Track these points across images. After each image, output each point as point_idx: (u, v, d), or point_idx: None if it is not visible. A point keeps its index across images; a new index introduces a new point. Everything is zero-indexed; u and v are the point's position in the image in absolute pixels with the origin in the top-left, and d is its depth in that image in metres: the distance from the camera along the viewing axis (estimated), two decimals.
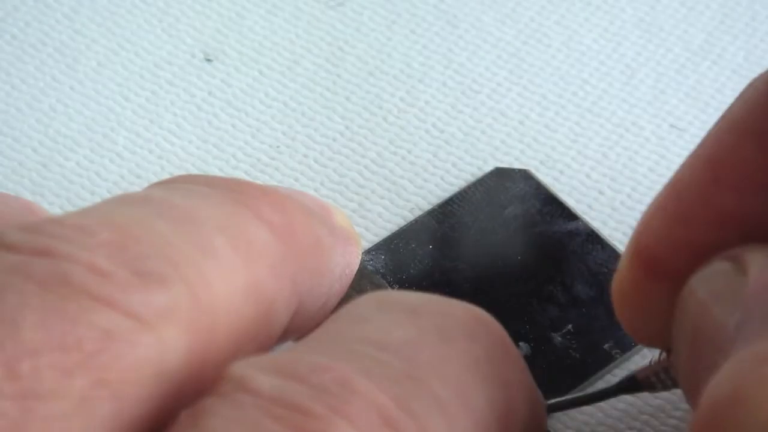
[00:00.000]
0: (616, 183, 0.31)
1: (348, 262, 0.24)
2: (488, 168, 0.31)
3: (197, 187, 0.20)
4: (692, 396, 0.19)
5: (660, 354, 0.23)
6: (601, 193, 0.31)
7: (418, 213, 0.30)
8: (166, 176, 0.31)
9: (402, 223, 0.30)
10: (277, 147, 0.32)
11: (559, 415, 0.26)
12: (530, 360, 0.26)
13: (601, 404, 0.26)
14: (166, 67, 0.34)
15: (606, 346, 0.27)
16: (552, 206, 0.30)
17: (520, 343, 0.27)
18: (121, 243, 0.17)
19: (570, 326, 0.27)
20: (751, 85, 0.20)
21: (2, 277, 0.16)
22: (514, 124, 0.33)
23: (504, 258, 0.29)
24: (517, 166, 0.31)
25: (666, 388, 0.23)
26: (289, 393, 0.16)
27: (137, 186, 0.31)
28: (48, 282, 0.16)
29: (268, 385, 0.16)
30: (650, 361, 0.23)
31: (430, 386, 0.17)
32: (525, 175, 0.31)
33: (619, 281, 0.22)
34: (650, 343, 0.22)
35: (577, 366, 0.27)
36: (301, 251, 0.20)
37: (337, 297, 0.23)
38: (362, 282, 0.26)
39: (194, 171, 0.32)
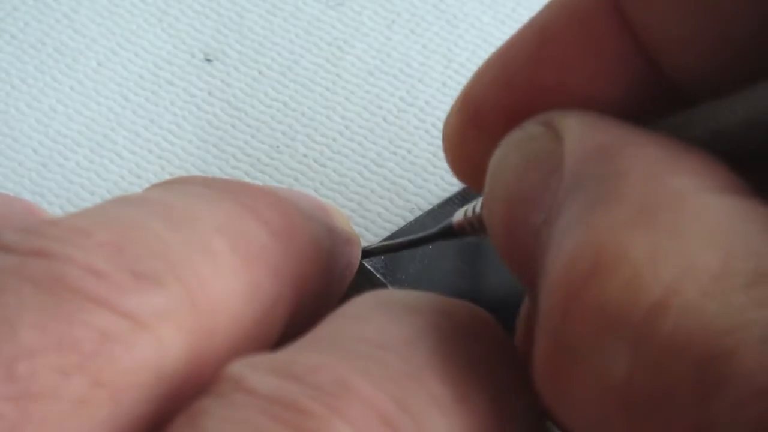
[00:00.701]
0: None
1: (347, 262, 0.24)
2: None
3: (195, 188, 0.20)
4: (506, 248, 0.19)
5: (474, 205, 0.24)
6: None
7: (417, 213, 0.30)
8: (166, 176, 0.31)
9: (402, 223, 0.30)
10: (277, 147, 0.32)
11: None
12: None
13: None
14: (165, 67, 0.34)
15: None
16: None
17: None
18: (118, 244, 0.17)
19: None
20: None
21: None
22: None
23: None
24: None
25: (477, 234, 0.24)
26: (287, 392, 0.16)
27: (137, 186, 0.31)
28: (45, 283, 0.16)
29: (265, 385, 0.16)
30: (465, 211, 0.24)
31: (429, 385, 0.17)
32: None
33: (446, 123, 0.22)
34: (470, 184, 0.23)
35: None
36: (300, 251, 0.20)
37: (337, 297, 0.23)
38: (361, 282, 0.26)
39: (194, 171, 0.32)
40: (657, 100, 0.20)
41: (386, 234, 0.30)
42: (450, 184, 0.31)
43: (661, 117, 0.19)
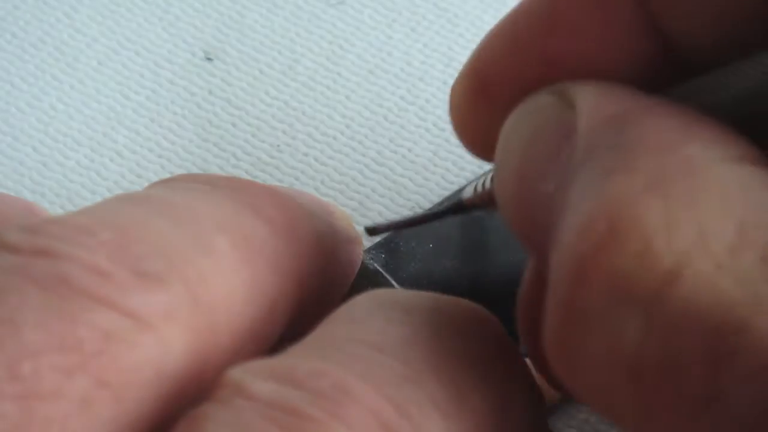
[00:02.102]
0: None
1: (349, 261, 0.24)
2: (488, 166, 0.31)
3: (198, 185, 0.20)
4: (516, 219, 0.19)
5: (484, 180, 0.24)
6: None
7: (418, 212, 0.30)
8: (166, 175, 0.31)
9: None
10: (278, 146, 0.32)
11: (560, 413, 0.26)
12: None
13: None
14: (166, 66, 0.34)
15: None
16: None
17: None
18: (121, 243, 0.17)
19: None
20: None
21: (3, 277, 0.16)
22: None
23: (504, 256, 0.29)
24: None
25: (488, 208, 0.24)
26: (287, 398, 0.16)
27: (137, 185, 0.31)
28: (48, 282, 0.16)
29: (266, 391, 0.16)
30: (476, 186, 0.24)
31: (427, 387, 0.17)
32: None
33: (454, 91, 0.22)
34: (479, 154, 0.23)
35: None
36: (303, 250, 0.20)
37: (338, 296, 0.23)
38: (362, 281, 0.26)
39: (194, 170, 0.32)
40: (667, 72, 0.19)
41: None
42: (450, 182, 0.31)
43: (672, 86, 0.19)
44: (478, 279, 0.29)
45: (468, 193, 0.24)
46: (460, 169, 0.32)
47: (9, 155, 0.32)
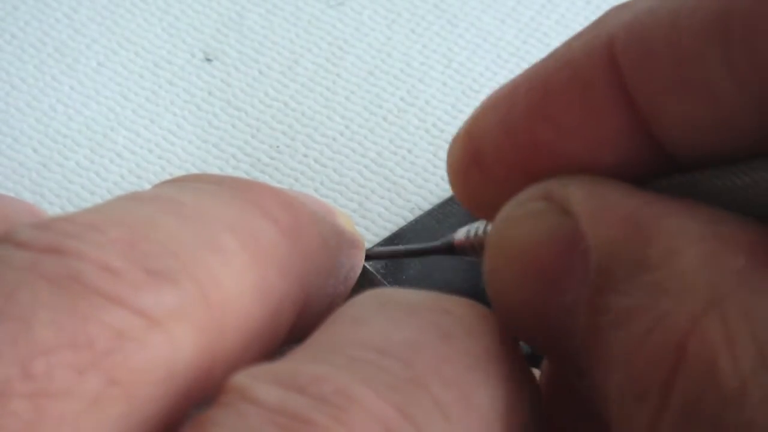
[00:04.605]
0: None
1: (352, 264, 0.24)
2: None
3: (206, 185, 0.20)
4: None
5: (477, 228, 0.24)
6: None
7: (418, 213, 0.30)
8: (166, 176, 0.31)
9: (402, 223, 0.30)
10: (277, 147, 0.32)
11: None
12: (530, 359, 0.26)
13: None
14: (166, 67, 0.34)
15: None
16: None
17: (520, 343, 0.27)
18: (132, 241, 0.17)
19: None
20: (599, 26, 0.20)
21: (15, 274, 0.16)
22: None
23: None
24: None
25: (477, 257, 0.24)
26: (292, 403, 0.16)
27: (137, 186, 0.31)
28: (60, 280, 0.16)
29: (271, 396, 0.16)
30: (468, 232, 0.24)
31: (431, 390, 0.17)
32: None
33: (450, 153, 0.22)
34: (474, 212, 0.23)
35: None
36: (308, 251, 0.20)
37: (341, 298, 0.23)
38: (363, 283, 0.26)
39: (194, 171, 0.32)
40: (653, 171, 0.19)
41: (387, 234, 0.30)
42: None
43: (656, 178, 0.19)
44: (478, 281, 0.29)
45: (460, 236, 0.24)
46: None
47: (9, 156, 0.32)
